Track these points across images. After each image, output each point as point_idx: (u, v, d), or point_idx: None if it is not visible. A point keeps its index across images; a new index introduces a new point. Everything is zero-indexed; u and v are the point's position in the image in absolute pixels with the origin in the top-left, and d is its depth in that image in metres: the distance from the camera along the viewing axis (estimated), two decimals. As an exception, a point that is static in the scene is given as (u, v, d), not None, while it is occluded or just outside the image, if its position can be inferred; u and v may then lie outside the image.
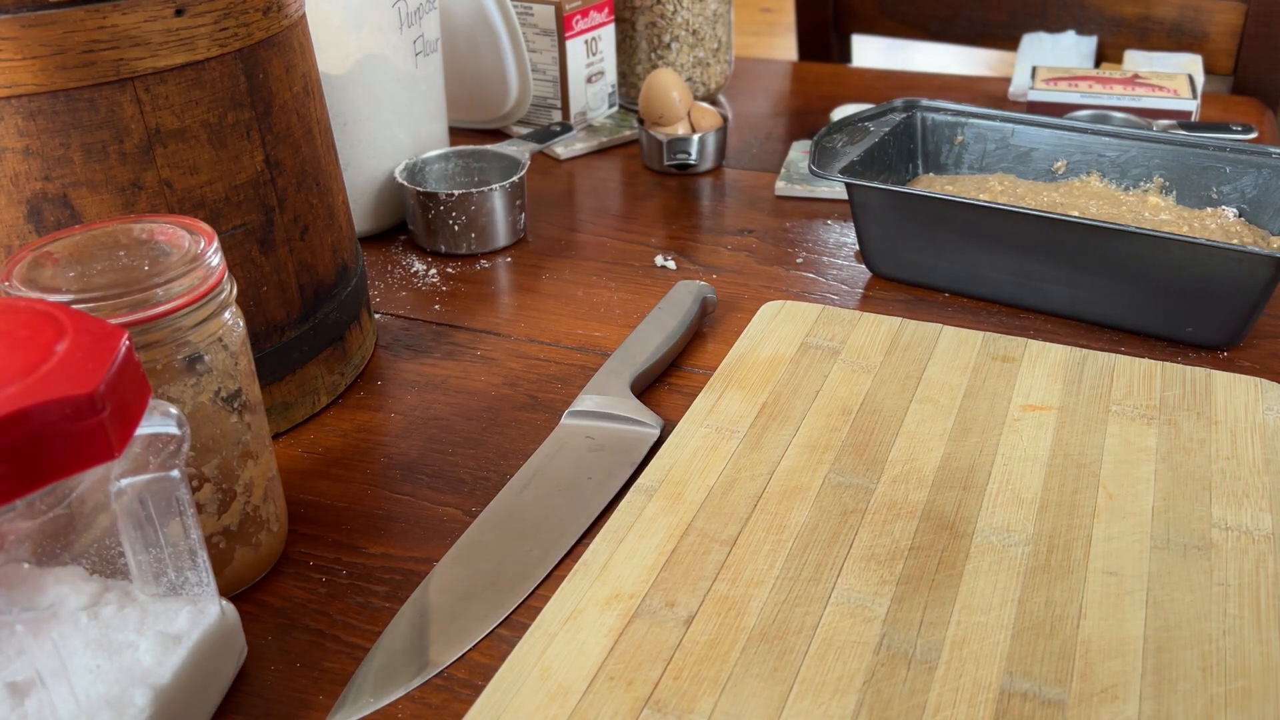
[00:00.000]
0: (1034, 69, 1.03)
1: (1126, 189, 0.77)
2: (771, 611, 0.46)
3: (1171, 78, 0.99)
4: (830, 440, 0.57)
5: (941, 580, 0.48)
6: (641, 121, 0.95)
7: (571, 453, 0.58)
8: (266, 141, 0.56)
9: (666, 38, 1.05)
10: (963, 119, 0.81)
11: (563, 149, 1.00)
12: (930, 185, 0.80)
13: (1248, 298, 0.63)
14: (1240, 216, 0.73)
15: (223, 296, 0.46)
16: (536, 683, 0.43)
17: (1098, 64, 1.23)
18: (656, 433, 0.59)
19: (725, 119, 0.95)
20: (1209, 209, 0.74)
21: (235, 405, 0.47)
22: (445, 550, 0.53)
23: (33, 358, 0.35)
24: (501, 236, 0.82)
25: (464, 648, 0.47)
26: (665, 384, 0.66)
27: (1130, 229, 0.64)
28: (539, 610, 0.48)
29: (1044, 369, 0.62)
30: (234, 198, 0.55)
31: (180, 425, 0.40)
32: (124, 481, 0.39)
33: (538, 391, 0.65)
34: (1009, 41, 1.31)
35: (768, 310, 0.69)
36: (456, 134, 1.05)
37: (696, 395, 0.63)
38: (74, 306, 0.40)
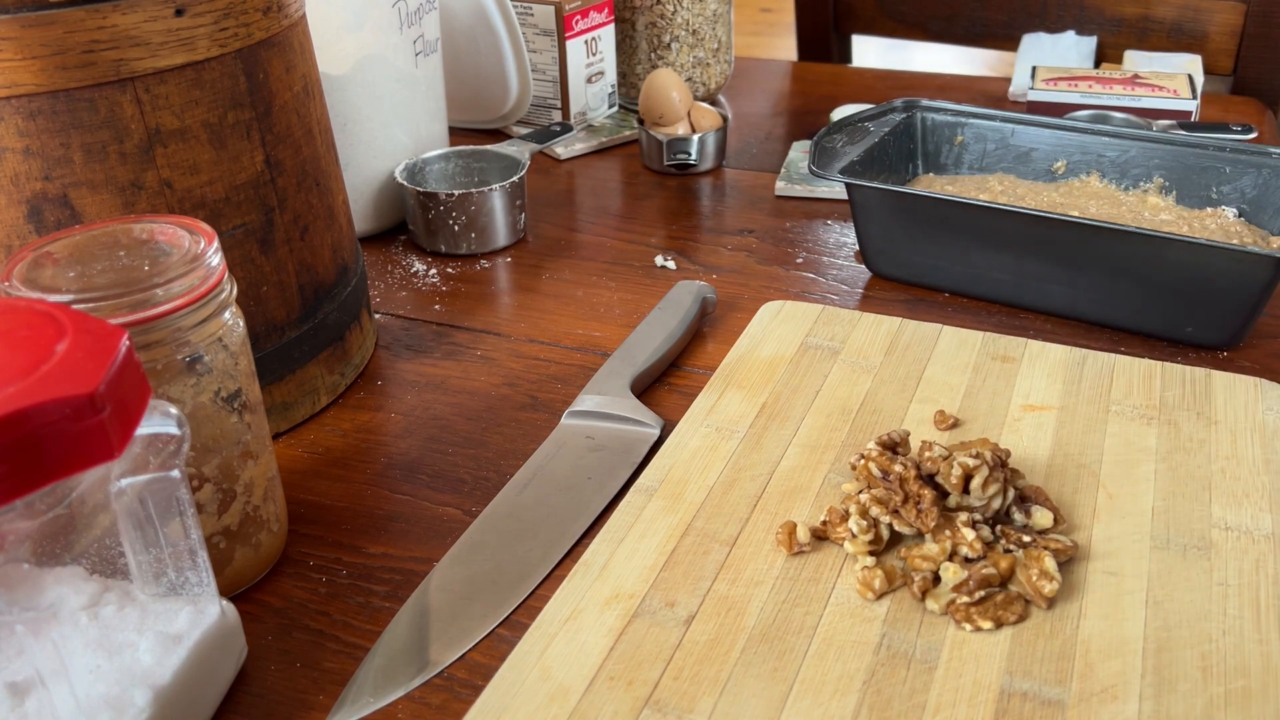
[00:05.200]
0: (1034, 69, 1.03)
1: (1126, 189, 0.77)
2: (771, 611, 0.46)
3: (1171, 78, 0.99)
4: (830, 440, 0.57)
5: (941, 580, 0.48)
6: (641, 121, 0.95)
7: (571, 453, 0.58)
8: (266, 141, 0.56)
9: (666, 38, 1.05)
10: (963, 119, 0.81)
11: (563, 149, 1.00)
12: (930, 185, 0.80)
13: (1248, 298, 0.63)
14: (1240, 216, 0.73)
15: (223, 296, 0.46)
16: (536, 683, 0.43)
17: (1098, 64, 1.23)
18: (656, 433, 0.59)
19: (725, 119, 0.95)
20: (1209, 209, 0.74)
21: (235, 405, 0.47)
22: (445, 550, 0.53)
23: (33, 358, 0.35)
24: (501, 236, 0.82)
25: (464, 648, 0.47)
26: (665, 384, 0.66)
27: (1130, 229, 0.64)
28: (539, 610, 0.48)
29: (1044, 369, 0.62)
30: (234, 198, 0.55)
31: (180, 425, 0.40)
32: (124, 481, 0.39)
33: (538, 391, 0.65)
34: (1009, 41, 1.30)
35: (768, 310, 0.69)
36: (456, 134, 1.05)
37: (696, 395, 0.63)
38: (74, 306, 0.40)
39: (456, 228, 0.80)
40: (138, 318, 0.42)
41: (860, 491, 0.51)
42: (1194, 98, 0.96)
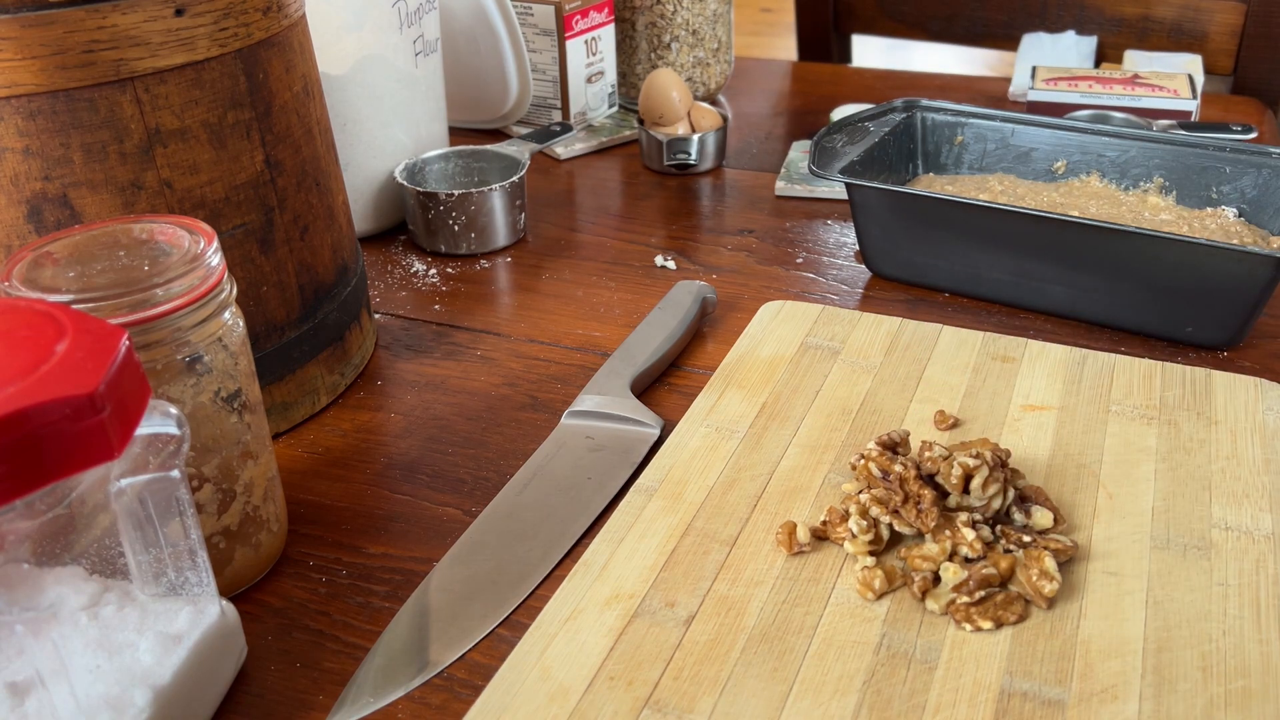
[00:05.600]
0: (1034, 69, 1.03)
1: (1126, 189, 0.77)
2: (771, 611, 0.46)
3: (1171, 78, 0.99)
4: (830, 440, 0.57)
5: (941, 580, 0.48)
6: (641, 121, 0.95)
7: (571, 453, 0.58)
8: (266, 141, 0.56)
9: (666, 38, 1.05)
10: (963, 119, 0.81)
11: (563, 149, 1.00)
12: (930, 185, 0.80)
13: (1248, 298, 0.63)
14: (1240, 216, 0.73)
15: (223, 296, 0.46)
16: (536, 683, 0.43)
17: (1098, 64, 1.23)
18: (656, 433, 0.59)
19: (725, 119, 0.95)
20: (1209, 209, 0.74)
21: (235, 405, 0.47)
22: (445, 550, 0.53)
23: (33, 358, 0.35)
24: (501, 236, 0.82)
25: (464, 648, 0.47)
26: (665, 384, 0.66)
27: (1130, 229, 0.64)
28: (539, 610, 0.48)
29: (1044, 369, 0.62)
30: (234, 198, 0.55)
31: (180, 425, 0.40)
32: (124, 481, 0.39)
33: (538, 391, 0.65)
34: (1009, 41, 1.31)
35: (768, 310, 0.69)
36: (456, 134, 1.05)
37: (696, 395, 0.63)
38: (74, 306, 0.40)
39: (456, 228, 0.80)
40: (138, 318, 0.42)
41: (860, 491, 0.51)
42: (1194, 98, 0.96)
